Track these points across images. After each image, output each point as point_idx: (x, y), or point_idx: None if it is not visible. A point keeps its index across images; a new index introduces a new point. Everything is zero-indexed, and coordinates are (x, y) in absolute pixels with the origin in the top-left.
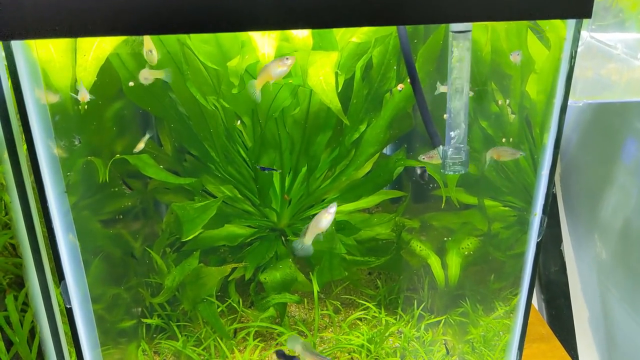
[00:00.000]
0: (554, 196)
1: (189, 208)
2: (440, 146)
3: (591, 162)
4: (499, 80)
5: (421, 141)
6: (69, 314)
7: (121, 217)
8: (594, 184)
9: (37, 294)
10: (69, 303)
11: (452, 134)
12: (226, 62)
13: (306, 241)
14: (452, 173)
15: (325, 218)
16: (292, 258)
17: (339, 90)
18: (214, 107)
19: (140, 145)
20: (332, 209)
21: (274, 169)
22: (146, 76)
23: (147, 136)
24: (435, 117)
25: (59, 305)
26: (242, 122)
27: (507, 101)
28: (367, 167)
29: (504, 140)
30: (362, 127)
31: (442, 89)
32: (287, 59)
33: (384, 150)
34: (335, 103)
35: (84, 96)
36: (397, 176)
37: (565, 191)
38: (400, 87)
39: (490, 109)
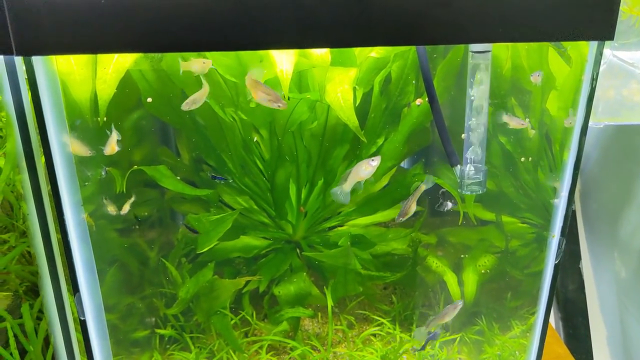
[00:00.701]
0: (573, 213)
1: (204, 220)
2: (458, 166)
3: (611, 180)
4: (519, 96)
5: (439, 155)
6: (82, 325)
7: (137, 226)
8: (614, 202)
9: (52, 303)
10: (83, 315)
11: (470, 153)
12: (245, 75)
13: (346, 187)
14: (469, 193)
15: (366, 169)
16: (306, 271)
17: (357, 104)
18: (232, 119)
19: (127, 207)
20: (375, 162)
21: (224, 178)
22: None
23: (132, 198)
24: (456, 133)
25: (73, 314)
26: (259, 134)
27: (527, 118)
28: (384, 181)
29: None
30: (380, 141)
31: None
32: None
33: (402, 164)
34: (352, 120)
35: (113, 148)
36: None
37: (585, 209)
38: (419, 101)
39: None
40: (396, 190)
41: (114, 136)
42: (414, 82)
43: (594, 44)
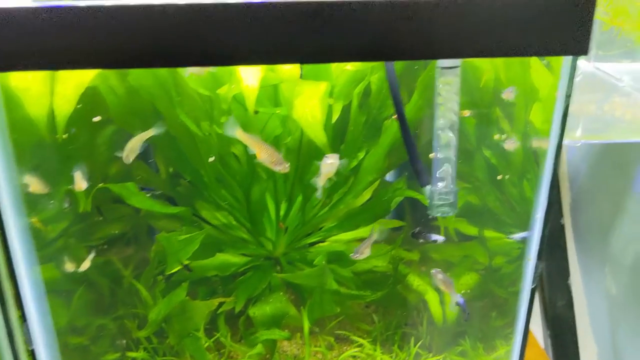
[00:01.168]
0: (562, 228)
1: (173, 240)
2: (428, 186)
3: (602, 193)
4: (503, 107)
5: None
6: (32, 355)
7: (105, 246)
8: (605, 216)
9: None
10: (32, 344)
11: (440, 173)
12: (218, 88)
13: (320, 182)
14: (439, 215)
15: (324, 167)
16: (284, 290)
17: (335, 118)
18: (207, 133)
19: (87, 264)
20: (329, 159)
21: (152, 190)
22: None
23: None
24: None
25: (24, 345)
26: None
27: (504, 135)
28: (366, 196)
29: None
30: (361, 155)
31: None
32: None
33: (387, 178)
34: (320, 137)
35: (81, 185)
36: (399, 204)
37: (575, 222)
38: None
39: (494, 138)
40: (378, 206)
41: (79, 175)
42: None
43: (567, 62)
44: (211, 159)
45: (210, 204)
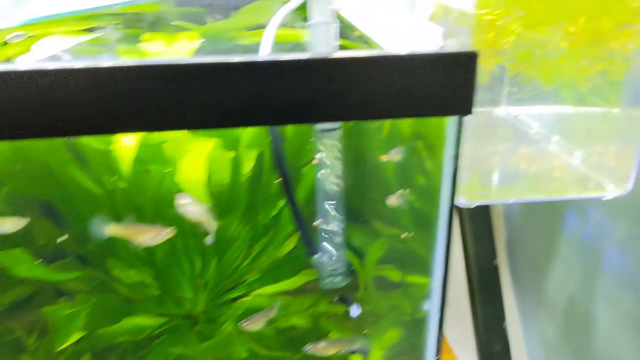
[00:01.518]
0: (496, 268)
1: (58, 314)
2: (315, 255)
3: (536, 234)
4: (425, 150)
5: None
6: None
7: None
8: (539, 257)
9: None
10: None
11: (326, 242)
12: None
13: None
14: (330, 287)
15: (185, 209)
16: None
17: (249, 167)
18: (111, 188)
19: None
20: (181, 200)
21: None
22: None
23: None
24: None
25: None
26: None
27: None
28: (290, 246)
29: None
30: (281, 203)
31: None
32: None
33: None
34: (203, 199)
35: None
36: None
37: (512, 262)
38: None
39: (417, 181)
40: (300, 256)
41: None
42: (311, 140)
43: (453, 122)
44: (61, 239)
45: (121, 262)
